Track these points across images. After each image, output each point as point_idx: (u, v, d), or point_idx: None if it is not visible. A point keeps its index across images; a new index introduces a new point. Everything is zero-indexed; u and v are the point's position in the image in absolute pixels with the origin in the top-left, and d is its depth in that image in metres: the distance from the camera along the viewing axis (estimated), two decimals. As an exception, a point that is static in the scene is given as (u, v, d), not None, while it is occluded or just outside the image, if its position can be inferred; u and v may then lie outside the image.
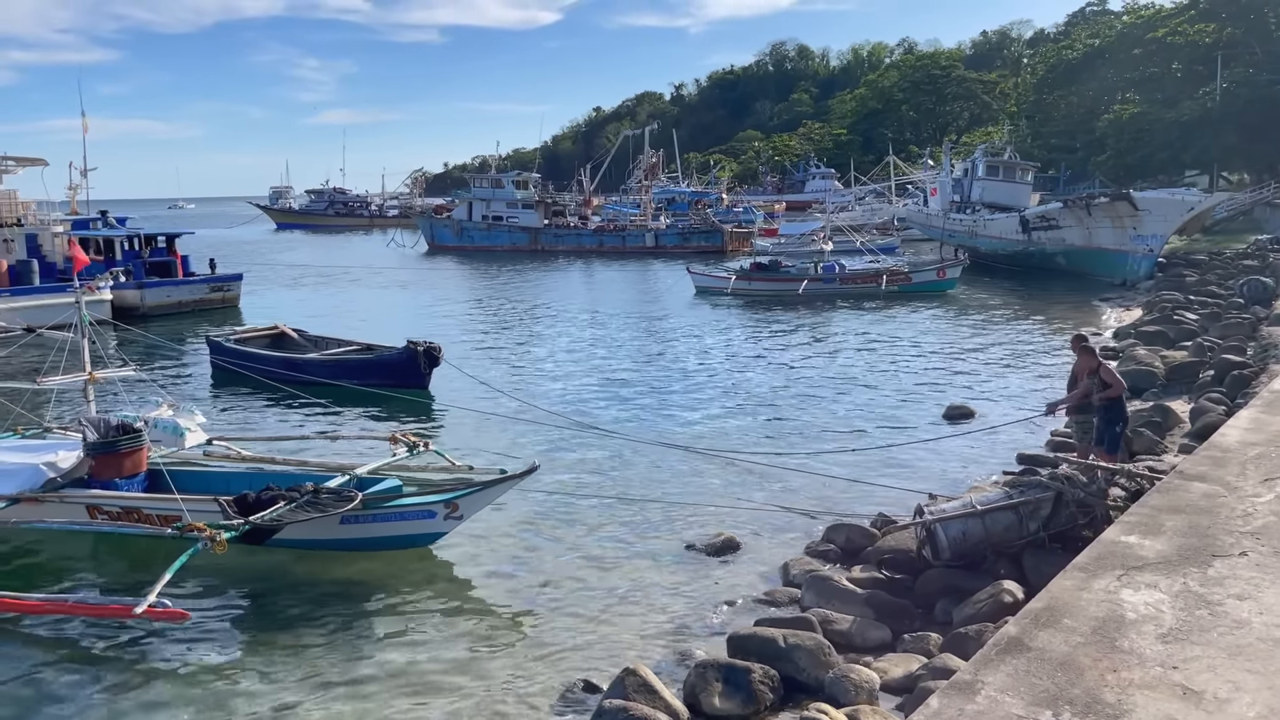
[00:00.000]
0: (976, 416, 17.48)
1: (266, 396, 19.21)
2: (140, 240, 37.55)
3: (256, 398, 19.58)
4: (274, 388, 18.53)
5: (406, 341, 20.79)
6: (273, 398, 18.97)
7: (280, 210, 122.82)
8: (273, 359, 21.19)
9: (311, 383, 19.46)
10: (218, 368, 22.22)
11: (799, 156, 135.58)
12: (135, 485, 11.59)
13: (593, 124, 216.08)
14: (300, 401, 17.88)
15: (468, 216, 71.15)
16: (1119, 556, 6.72)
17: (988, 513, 9.74)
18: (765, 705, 7.58)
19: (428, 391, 20.11)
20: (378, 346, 22.16)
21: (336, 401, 18.71)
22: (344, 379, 19.80)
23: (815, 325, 30.35)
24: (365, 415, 18.29)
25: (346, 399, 18.97)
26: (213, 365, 22.59)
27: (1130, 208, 38.85)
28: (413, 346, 20.39)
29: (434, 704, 8.01)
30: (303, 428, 17.31)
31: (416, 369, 20.14)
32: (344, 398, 18.99)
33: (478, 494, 10.78)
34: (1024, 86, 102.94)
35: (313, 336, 23.76)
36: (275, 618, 9.64)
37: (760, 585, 10.26)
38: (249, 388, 19.76)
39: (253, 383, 19.26)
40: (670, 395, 20.23)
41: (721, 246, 63.51)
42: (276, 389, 18.47)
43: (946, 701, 4.83)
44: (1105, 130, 71.64)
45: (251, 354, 21.60)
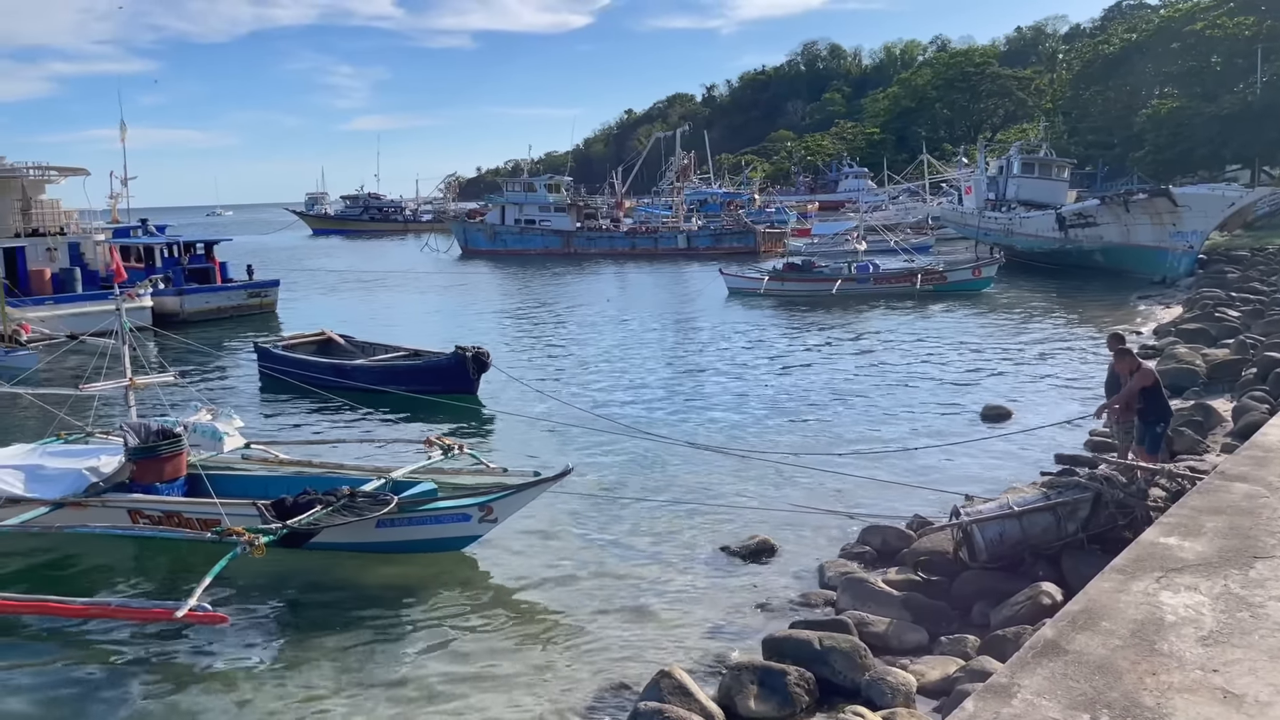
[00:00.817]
0: (1013, 417, 17.31)
1: (314, 403, 19.25)
2: (180, 247, 38.20)
3: (304, 404, 19.63)
4: (322, 394, 18.53)
5: (455, 347, 20.75)
6: (321, 404, 18.95)
7: (316, 216, 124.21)
8: (321, 365, 21.28)
9: (359, 389, 19.37)
10: (266, 374, 22.27)
11: (832, 156, 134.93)
12: (175, 489, 11.78)
13: (624, 126, 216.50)
14: (348, 408, 17.79)
15: (501, 221, 71.48)
16: (1158, 558, 6.63)
17: (1025, 514, 9.65)
18: (801, 708, 7.56)
19: (476, 397, 20.04)
20: (425, 352, 22.14)
21: (385, 408, 18.74)
22: (392, 385, 19.75)
23: (849, 325, 30.19)
24: (414, 421, 18.05)
25: (395, 405, 18.91)
26: (261, 372, 22.64)
27: (1170, 204, 38.24)
28: (461, 352, 20.30)
29: (469, 706, 8.07)
30: (341, 432, 17.45)
31: (465, 374, 20.04)
32: (392, 404, 18.96)
33: (512, 497, 10.84)
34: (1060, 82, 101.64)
35: (359, 342, 23.73)
36: (312, 620, 9.74)
37: (795, 587, 10.23)
38: (297, 394, 19.73)
39: (301, 389, 19.31)
40: (704, 397, 20.20)
41: (754, 247, 63.32)
42: (325, 395, 18.42)
43: (982, 704, 4.79)
44: (1143, 126, 70.53)
45: (300, 360, 21.61)
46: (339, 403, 17.63)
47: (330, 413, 18.77)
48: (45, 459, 12.10)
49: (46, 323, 28.68)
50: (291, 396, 20.11)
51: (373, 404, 18.57)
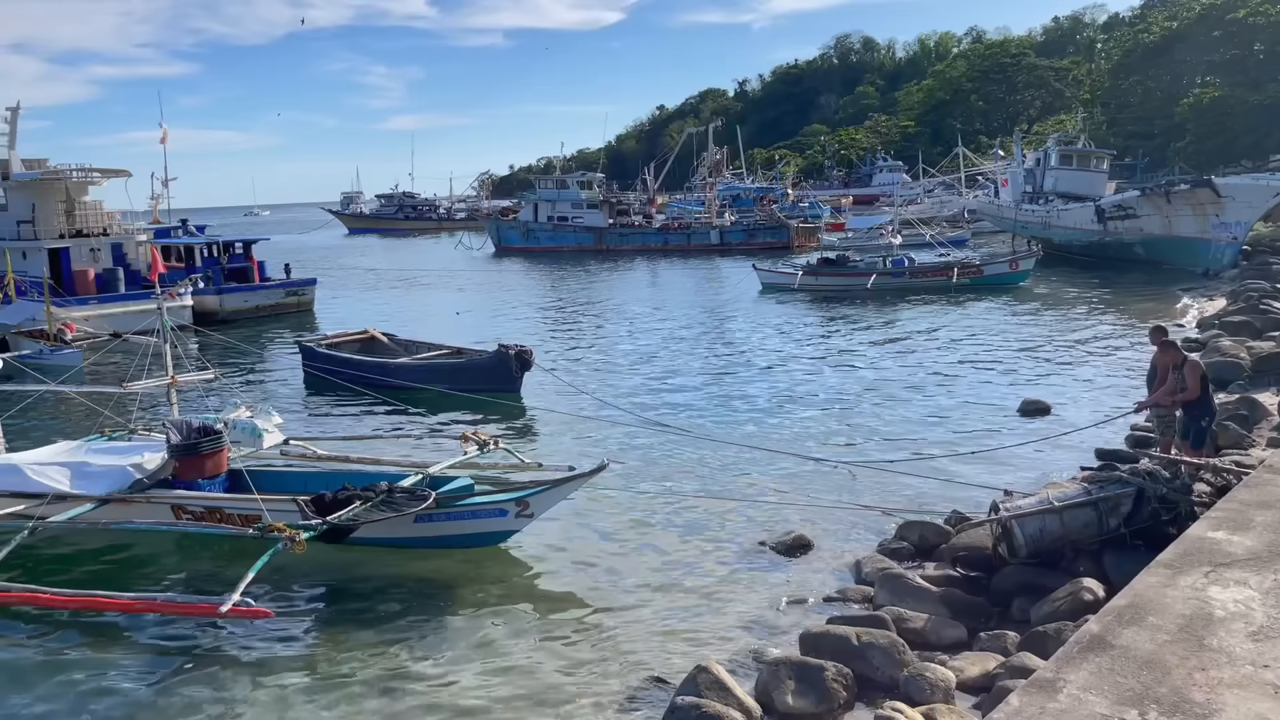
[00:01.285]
0: (1052, 411, 17.09)
1: (358, 401, 19.23)
2: (219, 247, 38.71)
3: (349, 402, 19.62)
4: (367, 392, 18.51)
5: (498, 345, 20.70)
6: (365, 403, 18.93)
7: (351, 215, 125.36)
8: (365, 364, 21.26)
9: (403, 387, 19.38)
10: (310, 373, 22.32)
11: (866, 150, 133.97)
12: (217, 486, 11.93)
13: (656, 122, 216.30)
14: (392, 406, 17.72)
15: (533, 218, 71.73)
16: (1206, 553, 6.52)
17: (1066, 509, 9.53)
18: (839, 703, 7.53)
19: (519, 395, 19.98)
20: (468, 350, 22.12)
21: (428, 406, 18.73)
22: (435, 383, 19.74)
23: (885, 320, 29.97)
24: (457, 420, 17.88)
25: (438, 404, 18.91)
26: (305, 370, 22.69)
27: (1212, 194, 37.57)
28: (504, 350, 20.19)
29: (506, 699, 8.11)
30: (379, 428, 17.58)
31: (508, 373, 19.93)
32: (436, 402, 18.95)
33: (548, 492, 10.87)
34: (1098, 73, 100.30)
35: (402, 340, 23.72)
36: (352, 616, 9.84)
37: (832, 583, 10.18)
38: (341, 393, 19.73)
39: (346, 388, 19.26)
40: (739, 393, 20.15)
41: (788, 242, 63.05)
42: (369, 394, 18.38)
43: (1027, 699, 4.73)
44: (1185, 115, 69.38)
45: (344, 359, 21.64)
46: (383, 401, 17.65)
47: (374, 411, 18.74)
48: (90, 456, 12.31)
49: (90, 322, 29.19)
50: (335, 395, 20.12)
51: (416, 403, 18.54)
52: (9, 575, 10.17)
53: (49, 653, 9.25)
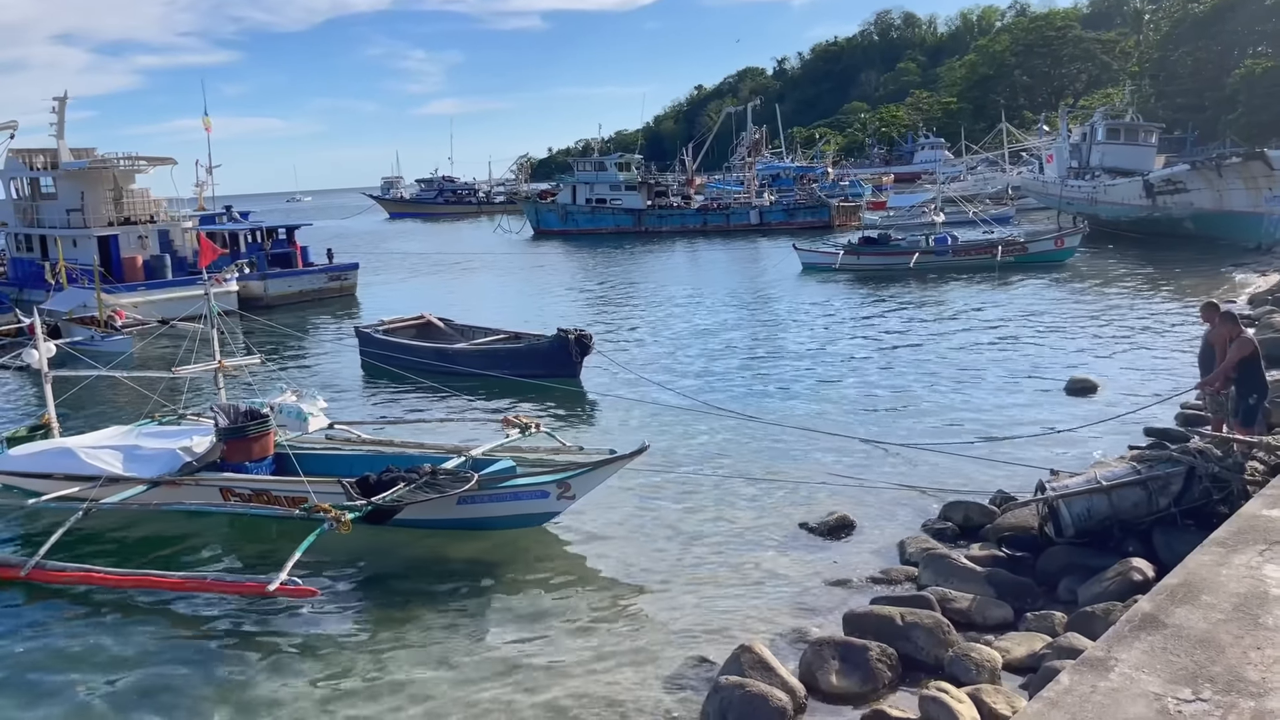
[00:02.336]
0: (1100, 390, 16.82)
1: (416, 388, 18.77)
2: (262, 233, 39.20)
3: (407, 389, 19.18)
4: (425, 379, 18.18)
5: (557, 329, 20.27)
6: (423, 389, 18.45)
7: (392, 200, 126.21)
8: (422, 349, 21.02)
9: (461, 373, 19.16)
10: (367, 359, 22.01)
11: (907, 127, 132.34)
12: (264, 468, 12.12)
13: (694, 103, 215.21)
14: (450, 393, 17.49)
15: (572, 200, 71.77)
16: (1261, 531, 6.39)
17: (1114, 489, 9.40)
18: (884, 684, 7.50)
19: (579, 381, 19.57)
20: (525, 334, 21.70)
21: (487, 392, 18.54)
22: (494, 369, 19.47)
23: (928, 299, 29.65)
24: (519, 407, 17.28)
25: (498, 389, 18.61)
26: (362, 356, 22.39)
27: (1265, 167, 36.68)
28: (563, 335, 19.74)
29: (550, 680, 8.16)
30: (423, 412, 17.69)
31: (568, 358, 19.49)
32: (495, 388, 18.69)
33: (589, 474, 10.91)
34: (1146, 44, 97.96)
35: (458, 325, 23.41)
36: (396, 596, 9.95)
37: (876, 564, 10.12)
38: (399, 379, 19.17)
39: (403, 374, 18.93)
40: (782, 375, 20.05)
41: (828, 221, 62.56)
42: (427, 380, 18.06)
43: (1078, 678, 4.67)
44: (1236, 87, 67.66)
45: (402, 345, 21.35)
46: (441, 387, 17.47)
47: (432, 397, 18.39)
48: (141, 440, 12.56)
49: (139, 308, 29.71)
50: (393, 381, 19.69)
51: (474, 388, 18.34)
52: (64, 555, 10.43)
53: (103, 630, 9.46)
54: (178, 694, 8.26)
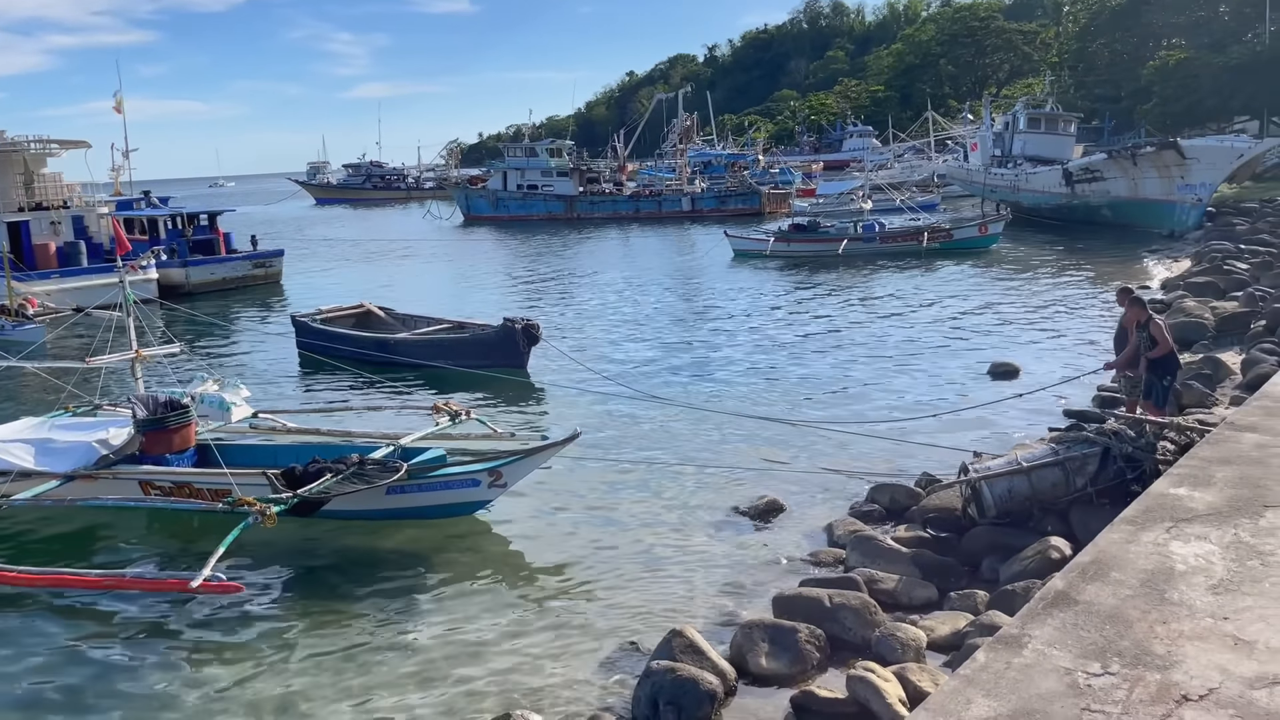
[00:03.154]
0: (1021, 373, 17.26)
1: (356, 379, 18.25)
2: (183, 219, 38.08)
3: (346, 381, 18.56)
4: (365, 370, 17.69)
5: (503, 319, 19.81)
6: (363, 381, 17.98)
7: (318, 186, 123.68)
8: (362, 340, 20.31)
9: (404, 364, 18.65)
10: (304, 349, 21.37)
11: (836, 115, 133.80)
12: (185, 461, 11.83)
13: (626, 89, 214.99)
14: (390, 385, 17.03)
15: (503, 186, 71.14)
16: (1168, 509, 6.62)
17: (1034, 470, 9.67)
18: (812, 664, 7.62)
19: (527, 372, 19.11)
20: (470, 324, 21.05)
21: (431, 384, 18.07)
22: (438, 360, 18.88)
23: (856, 286, 30.08)
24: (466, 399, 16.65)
25: (441, 381, 18.08)
26: (299, 347, 21.69)
27: (1178, 156, 37.88)
28: (510, 324, 19.24)
29: (483, 668, 8.13)
30: (347, 399, 17.42)
31: (515, 348, 19.02)
32: (438, 379, 18.20)
33: (521, 462, 10.86)
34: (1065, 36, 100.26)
35: (400, 315, 22.70)
36: (325, 588, 9.82)
37: (805, 546, 10.27)
38: (338, 370, 18.52)
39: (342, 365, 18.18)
40: (713, 361, 20.17)
41: (759, 208, 63.03)
42: (368, 372, 17.58)
43: (993, 655, 4.81)
44: (1151, 78, 69.65)
45: (341, 335, 20.74)
46: (382, 379, 17.03)
47: (369, 388, 17.96)
48: (54, 432, 12.16)
49: (52, 296, 28.71)
50: (331, 373, 18.97)
51: (417, 380, 17.94)
52: (-26, 554, 10.06)
53: (13, 632, 9.16)
54: (94, 698, 8.04)
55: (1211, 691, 4.41)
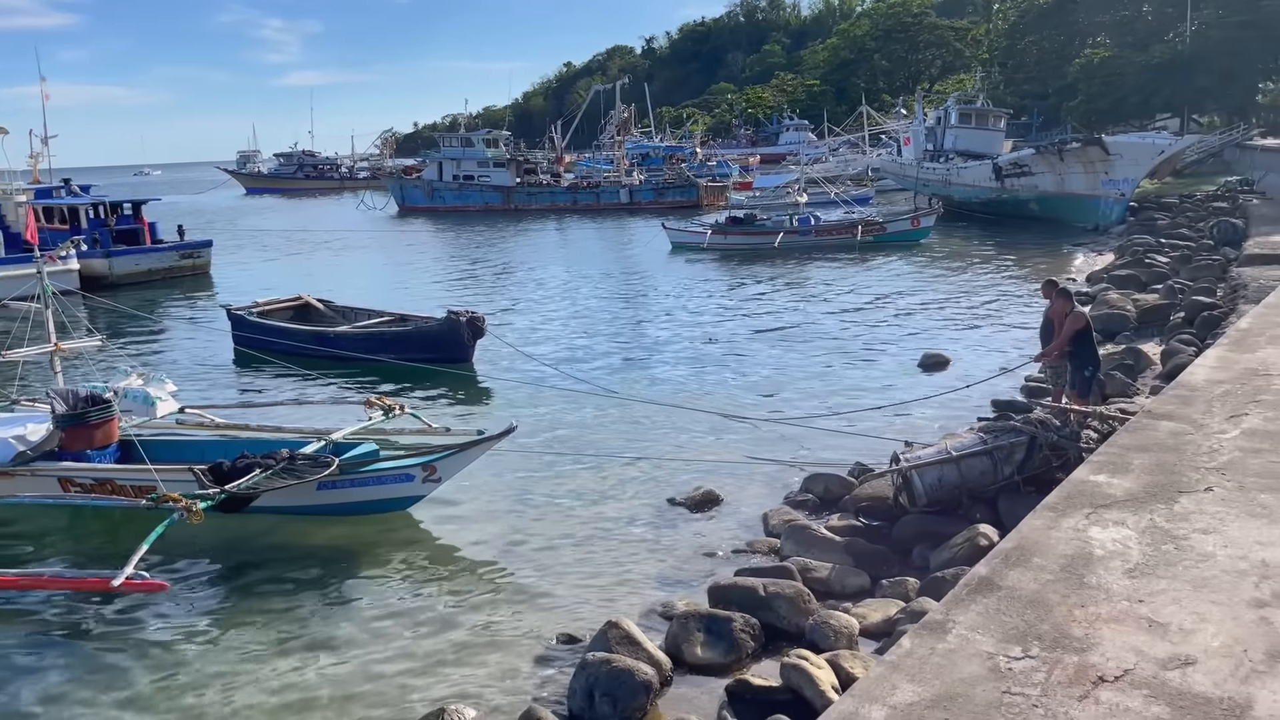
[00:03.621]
0: (951, 364, 17.60)
1: (293, 374, 17.42)
2: (106, 208, 36.90)
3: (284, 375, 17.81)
4: (303, 365, 17.14)
5: (447, 311, 19.43)
6: (302, 375, 17.24)
7: (249, 175, 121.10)
8: (301, 333, 19.87)
9: (345, 358, 18.25)
10: (241, 344, 20.60)
11: (772, 109, 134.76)
12: (107, 457, 11.51)
13: (564, 80, 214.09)
14: (330, 379, 16.64)
15: (438, 177, 70.36)
16: (1088, 495, 6.81)
17: (963, 459, 9.86)
18: (747, 653, 7.69)
19: (471, 366, 18.80)
20: (413, 317, 20.61)
21: (372, 378, 17.70)
22: (380, 354, 18.53)
23: (792, 278, 30.37)
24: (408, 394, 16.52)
25: (383, 375, 17.78)
26: (235, 341, 20.94)
27: (1102, 152, 38.95)
28: (454, 317, 18.89)
29: (415, 664, 8.06)
30: (278, 394, 17.08)
31: (459, 341, 18.70)
32: (379, 374, 17.86)
33: (455, 456, 10.78)
34: (995, 33, 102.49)
35: (339, 307, 22.16)
36: (255, 585, 9.64)
37: (741, 536, 10.35)
38: (275, 365, 17.79)
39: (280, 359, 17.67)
40: (649, 352, 20.23)
41: (697, 201, 63.24)
42: (306, 366, 17.09)
43: (919, 641, 4.90)
44: (1077, 75, 71.49)
45: (279, 329, 20.12)
46: (322, 374, 16.62)
47: (306, 382, 17.50)
48: (-31, 429, 11.73)
49: (-33, 289, 27.65)
50: (269, 367, 18.37)
51: (357, 374, 17.53)
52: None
53: (-70, 635, 8.84)
54: (7, 698, 7.79)
55: (1126, 673, 4.55)
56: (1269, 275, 18.09)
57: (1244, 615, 5.06)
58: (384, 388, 16.90)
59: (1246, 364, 10.35)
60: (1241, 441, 7.79)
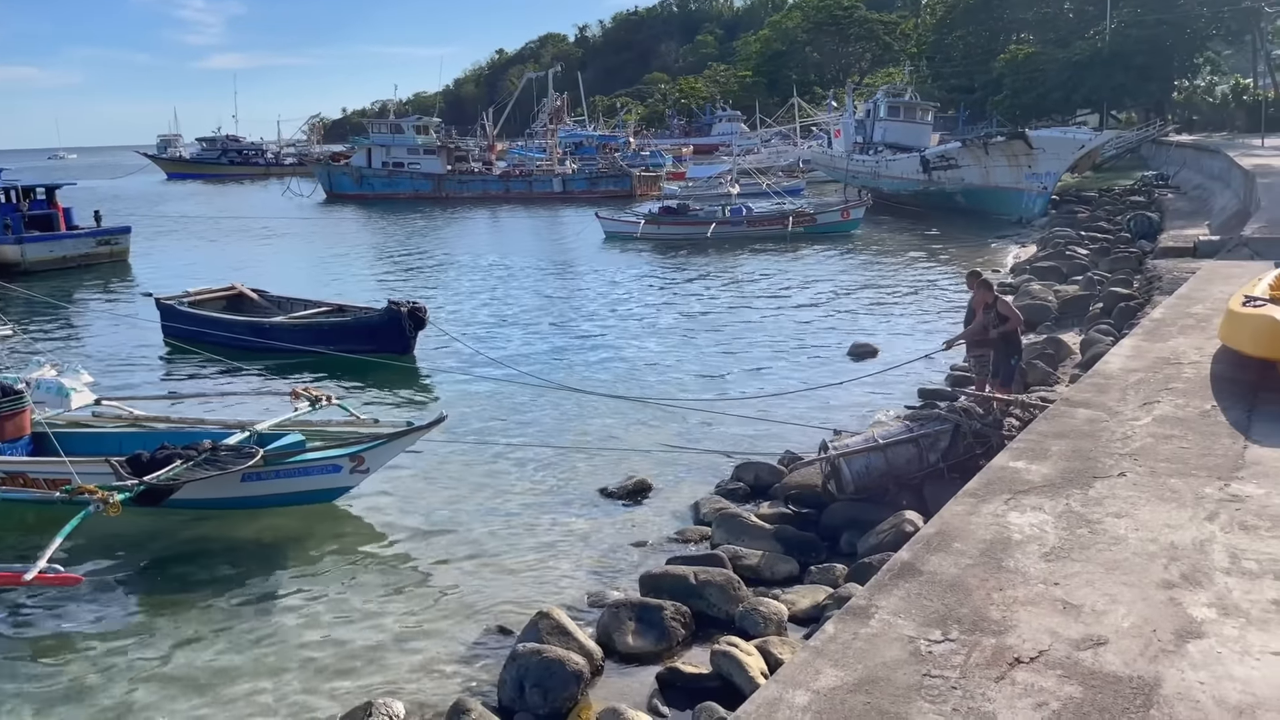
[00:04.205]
0: (880, 353, 17.88)
1: (223, 366, 17.06)
2: (18, 192, 35.52)
3: (206, 367, 17.46)
4: (237, 357, 16.64)
5: (388, 302, 18.98)
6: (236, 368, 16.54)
7: (170, 160, 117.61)
8: (235, 324, 19.13)
9: (281, 350, 17.76)
10: (171, 335, 19.96)
11: (705, 99, 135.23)
12: (19, 449, 11.12)
13: (496, 67, 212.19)
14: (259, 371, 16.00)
15: (367, 164, 69.16)
16: (1007, 481, 6.98)
17: (889, 446, 10.03)
18: (678, 641, 7.75)
19: (413, 357, 18.42)
20: (351, 308, 20.05)
21: (310, 370, 17.06)
22: (318, 345, 17.90)
23: (724, 268, 30.55)
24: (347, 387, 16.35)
25: (321, 367, 17.20)
26: (165, 332, 20.26)
27: (1025, 146, 39.86)
28: (395, 307, 18.43)
29: (343, 657, 7.96)
30: (201, 386, 16.66)
31: (400, 332, 18.29)
32: (318, 366, 17.27)
33: (384, 446, 10.64)
34: (924, 27, 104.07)
35: (275, 297, 21.25)
36: (174, 580, 9.42)
37: (672, 525, 10.41)
38: (199, 356, 17.17)
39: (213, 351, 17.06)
40: (582, 342, 20.20)
41: (630, 191, 63.17)
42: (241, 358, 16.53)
43: (842, 626, 4.99)
44: (1002, 70, 73.07)
45: (213, 319, 19.40)
46: (257, 366, 15.99)
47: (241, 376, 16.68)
48: None
49: None
50: (201, 360, 17.52)
51: (295, 367, 16.99)
52: None
53: None
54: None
55: (1042, 654, 4.68)
56: (1182, 267, 18.69)
57: (1153, 596, 5.24)
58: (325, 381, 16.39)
59: (1159, 353, 10.70)
60: (1153, 428, 8.06)
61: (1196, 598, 5.22)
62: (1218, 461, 7.25)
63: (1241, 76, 73.19)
